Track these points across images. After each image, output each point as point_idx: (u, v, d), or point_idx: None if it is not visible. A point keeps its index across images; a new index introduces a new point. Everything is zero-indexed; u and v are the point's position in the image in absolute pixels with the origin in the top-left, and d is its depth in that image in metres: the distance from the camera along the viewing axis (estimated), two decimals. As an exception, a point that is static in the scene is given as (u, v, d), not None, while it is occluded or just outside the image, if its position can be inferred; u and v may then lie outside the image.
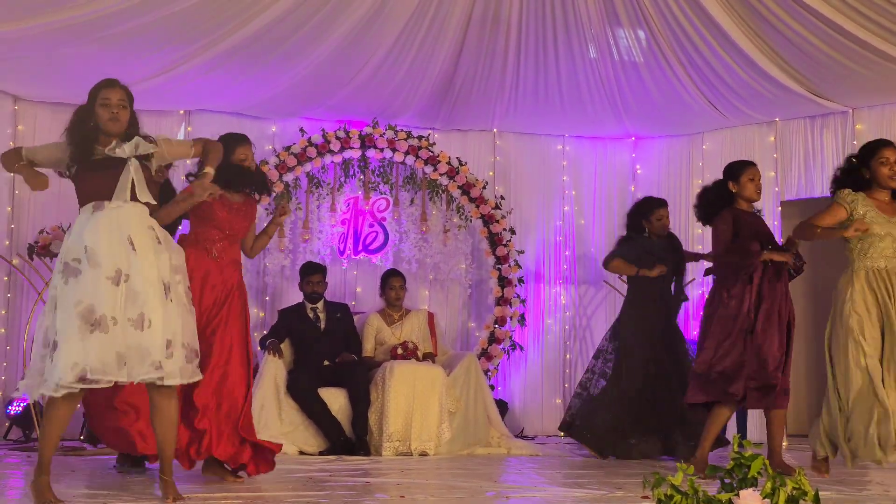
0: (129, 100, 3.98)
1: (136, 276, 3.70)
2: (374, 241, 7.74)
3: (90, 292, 3.62)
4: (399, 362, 6.46)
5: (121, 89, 3.96)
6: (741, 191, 5.13)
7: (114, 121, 3.89)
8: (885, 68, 6.57)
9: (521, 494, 4.33)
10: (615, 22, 6.84)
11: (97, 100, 3.93)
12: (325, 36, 6.53)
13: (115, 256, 3.69)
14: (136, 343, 3.65)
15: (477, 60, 7.23)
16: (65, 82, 6.89)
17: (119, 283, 3.66)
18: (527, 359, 8.15)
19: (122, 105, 3.92)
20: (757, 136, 7.93)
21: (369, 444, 6.31)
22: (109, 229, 3.73)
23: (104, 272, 3.65)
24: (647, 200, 6.53)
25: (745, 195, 5.13)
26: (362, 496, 4.15)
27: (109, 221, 3.75)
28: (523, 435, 7.72)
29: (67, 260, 3.70)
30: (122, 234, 3.74)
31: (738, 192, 5.14)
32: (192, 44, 6.38)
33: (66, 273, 3.68)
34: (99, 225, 3.73)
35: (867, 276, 4.29)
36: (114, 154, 3.83)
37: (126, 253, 3.71)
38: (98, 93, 3.95)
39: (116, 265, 3.68)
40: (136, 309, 3.68)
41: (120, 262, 3.69)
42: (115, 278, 3.66)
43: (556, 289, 8.36)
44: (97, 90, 3.96)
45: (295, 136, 7.60)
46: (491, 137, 8.37)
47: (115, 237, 3.72)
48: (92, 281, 3.64)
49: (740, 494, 2.68)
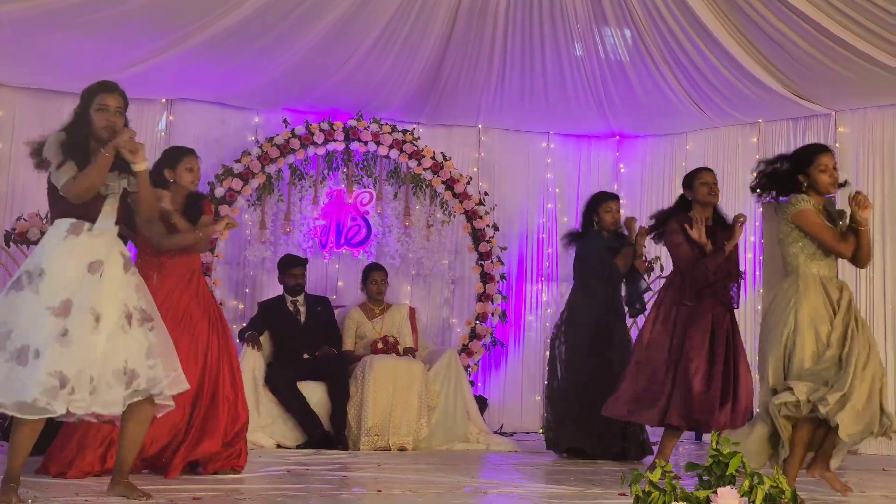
0: (125, 107, 3.81)
1: (94, 303, 3.57)
2: (356, 235, 7.71)
3: (19, 318, 3.51)
4: (379, 357, 6.44)
5: (119, 95, 3.78)
6: (695, 195, 5.26)
7: (109, 129, 3.71)
8: (867, 71, 6.60)
9: (499, 490, 4.33)
10: (602, 20, 6.84)
11: (93, 103, 3.75)
12: (311, 27, 6.49)
13: (69, 285, 3.56)
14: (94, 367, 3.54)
15: (463, 55, 7.22)
16: (45, 68, 6.82)
17: (61, 315, 3.51)
18: (507, 355, 8.15)
19: (119, 112, 3.75)
20: (740, 137, 7.96)
21: (347, 439, 6.28)
22: (76, 255, 3.61)
23: (45, 300, 3.52)
24: (597, 194, 6.44)
25: (699, 199, 5.28)
26: (339, 490, 4.13)
27: (80, 247, 3.63)
28: (502, 431, 7.71)
29: (22, 272, 3.60)
30: (90, 258, 3.62)
31: (693, 198, 5.27)
32: (175, 32, 6.33)
33: (14, 286, 3.58)
34: (66, 251, 3.61)
35: (813, 283, 4.19)
36: (134, 166, 3.67)
37: (87, 280, 3.59)
38: (95, 96, 3.75)
39: (67, 296, 3.54)
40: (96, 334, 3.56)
41: (72, 292, 3.55)
42: (57, 309, 3.51)
43: (537, 286, 8.36)
44: (93, 93, 3.76)
45: (278, 127, 7.55)
46: (476, 133, 8.36)
47: (81, 265, 3.60)
48: (28, 306, 3.53)
49: (718, 492, 2.68)
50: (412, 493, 4.06)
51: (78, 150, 3.68)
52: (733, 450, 2.79)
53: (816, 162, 4.21)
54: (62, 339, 3.48)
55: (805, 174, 4.22)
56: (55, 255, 3.60)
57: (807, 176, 4.22)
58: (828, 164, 4.21)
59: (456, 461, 5.64)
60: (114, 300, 3.63)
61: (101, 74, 6.82)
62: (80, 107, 3.78)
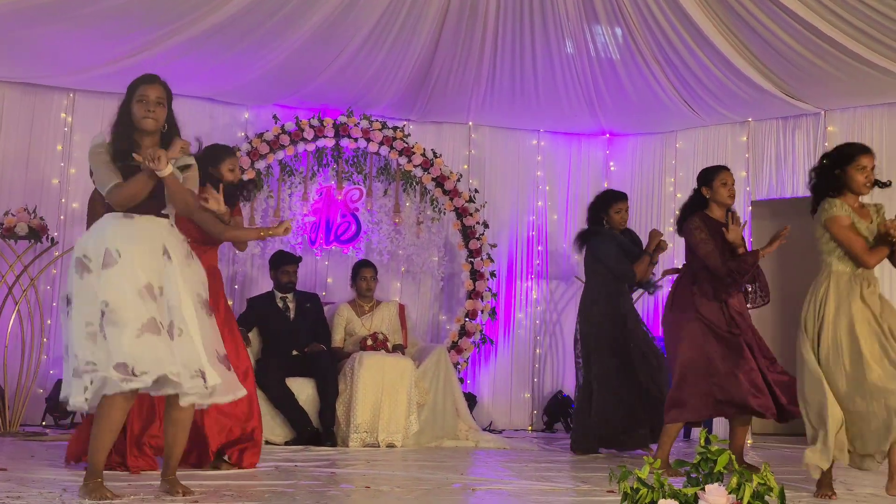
0: (168, 98, 3.81)
1: (171, 287, 3.62)
2: (346, 232, 7.70)
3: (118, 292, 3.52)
4: (368, 353, 6.43)
5: (160, 86, 3.78)
6: (714, 195, 5.18)
7: (149, 119, 3.72)
8: (857, 70, 6.62)
9: (487, 487, 4.32)
10: (593, 18, 6.85)
11: (134, 96, 3.75)
12: (302, 22, 6.48)
13: (148, 268, 3.59)
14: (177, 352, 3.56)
15: (453, 52, 7.21)
16: (34, 62, 6.79)
17: (148, 297, 3.55)
18: (497, 353, 8.16)
19: (160, 103, 3.75)
20: (730, 135, 7.98)
21: (336, 435, 6.28)
22: (143, 238, 3.64)
23: (135, 284, 3.54)
24: (607, 193, 6.46)
25: (718, 199, 5.18)
26: (328, 486, 4.12)
27: (143, 230, 3.66)
28: (491, 428, 7.72)
29: (92, 255, 3.59)
30: (157, 243, 3.66)
31: (711, 197, 5.19)
32: (165, 27, 6.30)
33: (82, 270, 3.58)
34: (133, 234, 3.63)
35: (838, 280, 4.25)
36: (158, 172, 3.63)
37: (160, 264, 3.63)
38: (136, 88, 3.76)
39: (148, 278, 3.57)
40: (167, 318, 3.59)
41: (152, 276, 3.59)
42: (146, 291, 3.55)
43: (527, 283, 8.36)
44: (135, 85, 3.77)
45: (268, 123, 7.53)
46: (466, 130, 8.35)
47: (149, 247, 3.64)
48: (119, 281, 3.54)
49: (706, 489, 2.68)
50: (401, 490, 4.06)
51: (121, 150, 3.69)
52: (721, 447, 2.79)
53: (856, 161, 4.26)
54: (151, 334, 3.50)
55: (842, 170, 4.27)
56: (119, 238, 3.60)
57: (843, 172, 4.27)
58: (867, 165, 4.27)
59: (445, 458, 5.64)
60: (187, 283, 3.67)
61: (90, 69, 6.86)
62: (124, 101, 3.79)
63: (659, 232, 6.24)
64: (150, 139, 3.76)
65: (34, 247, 6.62)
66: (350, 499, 3.83)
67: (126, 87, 3.82)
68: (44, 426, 6.67)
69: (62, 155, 7.25)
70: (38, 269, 6.74)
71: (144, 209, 3.70)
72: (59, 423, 6.69)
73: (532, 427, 8.19)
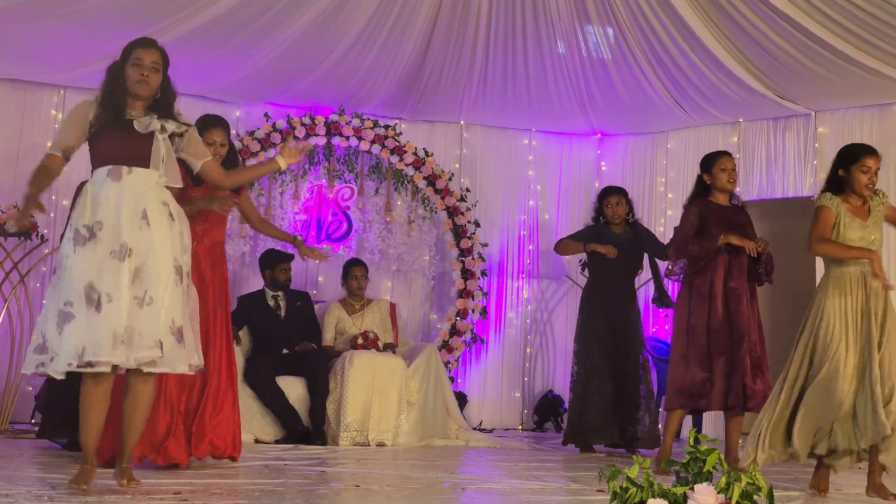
0: (164, 63, 3.73)
1: (146, 252, 3.55)
2: (337, 230, 7.69)
3: (93, 269, 3.49)
4: (359, 352, 6.42)
5: (156, 51, 3.71)
6: (714, 181, 5.23)
7: (143, 83, 3.65)
8: (847, 71, 6.65)
9: (477, 486, 4.32)
10: (585, 18, 6.85)
11: (129, 59, 3.68)
12: (293, 20, 6.47)
13: (123, 231, 3.53)
14: (135, 322, 3.50)
15: (445, 51, 7.21)
16: (24, 59, 6.76)
17: (123, 259, 3.50)
18: (487, 352, 8.16)
19: (155, 68, 3.68)
20: (720, 136, 8.00)
21: (326, 434, 6.27)
22: (122, 202, 3.56)
23: (107, 246, 3.50)
24: (602, 189, 6.65)
25: (718, 185, 5.21)
26: (318, 485, 4.12)
27: (123, 193, 3.57)
28: (482, 428, 7.73)
29: (79, 227, 3.55)
30: (137, 206, 3.58)
31: (712, 183, 5.24)
32: (156, 23, 6.27)
33: (76, 241, 3.54)
34: (111, 197, 3.56)
35: (840, 281, 4.26)
36: (143, 128, 3.62)
37: (137, 228, 3.56)
38: (131, 52, 3.69)
39: (122, 240, 3.52)
40: (141, 287, 3.52)
41: (128, 237, 3.53)
42: (118, 253, 3.50)
43: (518, 283, 8.37)
44: (130, 49, 3.70)
45: (259, 121, 7.52)
46: (458, 129, 8.35)
47: (128, 210, 3.56)
48: (95, 256, 3.50)
49: (695, 488, 2.69)
50: (390, 489, 4.05)
51: (109, 112, 3.64)
52: (710, 447, 2.80)
53: (861, 161, 4.29)
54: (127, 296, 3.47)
55: (846, 170, 4.29)
56: (103, 203, 3.55)
57: (847, 172, 4.29)
58: (871, 166, 4.29)
59: (435, 457, 5.64)
60: (163, 249, 3.59)
61: (81, 66, 6.83)
62: (118, 62, 3.72)
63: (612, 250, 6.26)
64: (141, 103, 3.70)
65: (24, 244, 6.60)
66: (340, 498, 3.82)
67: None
68: (33, 424, 6.64)
69: (52, 152, 7.21)
70: (28, 266, 6.72)
71: (135, 161, 3.61)
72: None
73: (522, 426, 8.20)
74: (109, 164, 3.62)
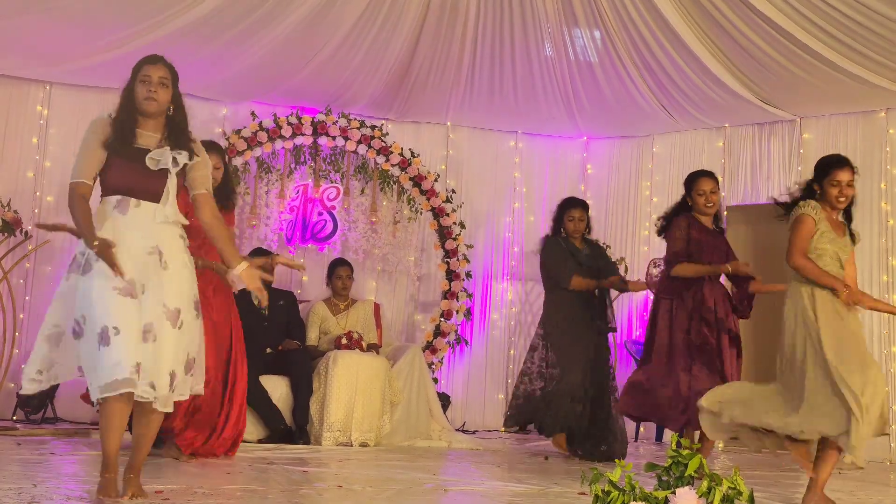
0: (173, 78, 3.67)
1: (156, 290, 3.46)
2: (322, 230, 7.68)
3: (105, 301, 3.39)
4: (343, 352, 6.42)
5: (164, 66, 3.65)
6: (693, 205, 5.33)
7: (151, 100, 3.58)
8: (832, 78, 6.69)
9: (459, 488, 4.33)
10: (572, 21, 6.87)
11: (137, 76, 3.65)
12: (281, 19, 6.45)
13: (134, 267, 3.43)
14: (151, 357, 3.43)
15: (433, 52, 7.21)
16: (10, 54, 6.72)
17: (135, 296, 3.41)
18: (471, 353, 8.17)
19: (163, 83, 3.61)
20: (706, 140, 8.04)
21: (309, 434, 6.26)
22: (131, 236, 3.46)
23: (115, 283, 3.38)
24: (565, 200, 6.35)
25: (697, 209, 5.32)
26: (300, 485, 4.12)
27: (135, 227, 3.48)
28: (464, 429, 7.73)
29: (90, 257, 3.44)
30: (149, 242, 3.49)
31: (693, 206, 5.33)
32: (144, 21, 6.26)
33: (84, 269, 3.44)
34: (124, 232, 3.46)
35: (811, 295, 4.24)
36: (155, 165, 3.54)
37: (147, 265, 3.47)
38: (139, 69, 3.66)
39: (131, 276, 3.41)
40: (147, 321, 3.44)
41: (139, 274, 3.43)
42: (126, 290, 3.40)
43: (503, 284, 8.38)
44: (139, 66, 3.67)
45: (246, 119, 7.50)
46: (444, 131, 8.36)
47: (138, 246, 3.46)
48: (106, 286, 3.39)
49: (676, 492, 2.71)
50: (373, 490, 4.05)
51: (122, 134, 3.56)
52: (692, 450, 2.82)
53: (830, 175, 4.28)
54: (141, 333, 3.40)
55: (819, 184, 4.30)
56: (107, 235, 3.44)
57: (820, 186, 4.30)
58: (841, 179, 4.26)
59: (418, 458, 5.64)
60: (181, 289, 3.52)
61: (67, 62, 6.80)
62: (128, 81, 3.68)
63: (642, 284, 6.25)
64: (153, 122, 3.64)
65: (7, 240, 6.56)
66: (322, 498, 3.82)
67: (103, 81, 3.78)
68: (14, 421, 6.60)
69: (37, 148, 7.18)
70: (12, 262, 6.67)
71: (143, 195, 3.53)
72: (30, 418, 6.63)
73: (505, 428, 8.20)
74: (119, 195, 3.54)
